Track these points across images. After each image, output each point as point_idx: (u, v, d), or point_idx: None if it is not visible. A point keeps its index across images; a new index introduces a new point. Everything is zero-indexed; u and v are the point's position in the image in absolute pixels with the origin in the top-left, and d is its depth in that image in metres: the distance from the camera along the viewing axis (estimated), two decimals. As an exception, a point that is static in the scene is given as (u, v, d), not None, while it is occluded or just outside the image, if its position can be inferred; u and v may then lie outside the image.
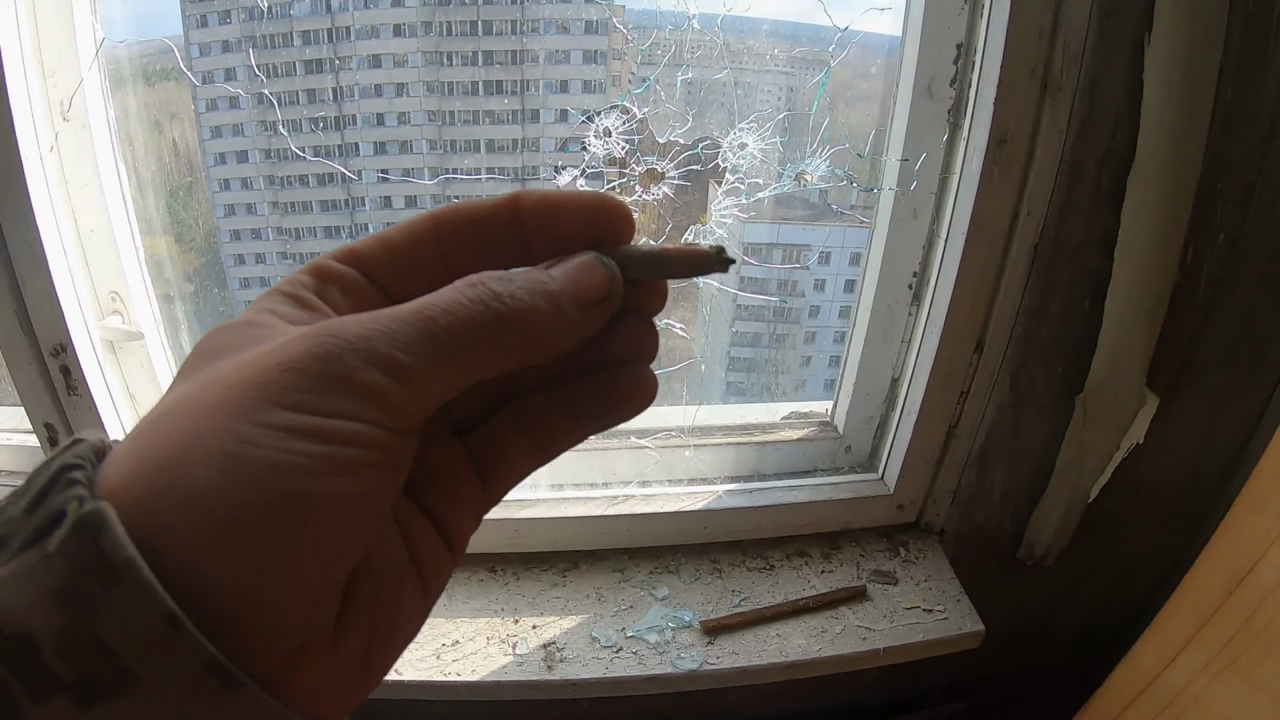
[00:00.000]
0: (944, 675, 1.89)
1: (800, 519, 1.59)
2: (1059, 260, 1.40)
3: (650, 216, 1.40)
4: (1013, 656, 1.82)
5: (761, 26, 1.34)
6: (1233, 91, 1.35)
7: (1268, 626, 1.19)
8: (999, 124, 1.28)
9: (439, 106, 1.44)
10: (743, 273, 1.67)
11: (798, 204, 1.53)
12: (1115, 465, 1.59)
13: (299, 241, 1.50)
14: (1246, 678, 1.22)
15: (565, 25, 1.37)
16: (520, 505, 1.48)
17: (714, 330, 1.70)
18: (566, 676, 1.34)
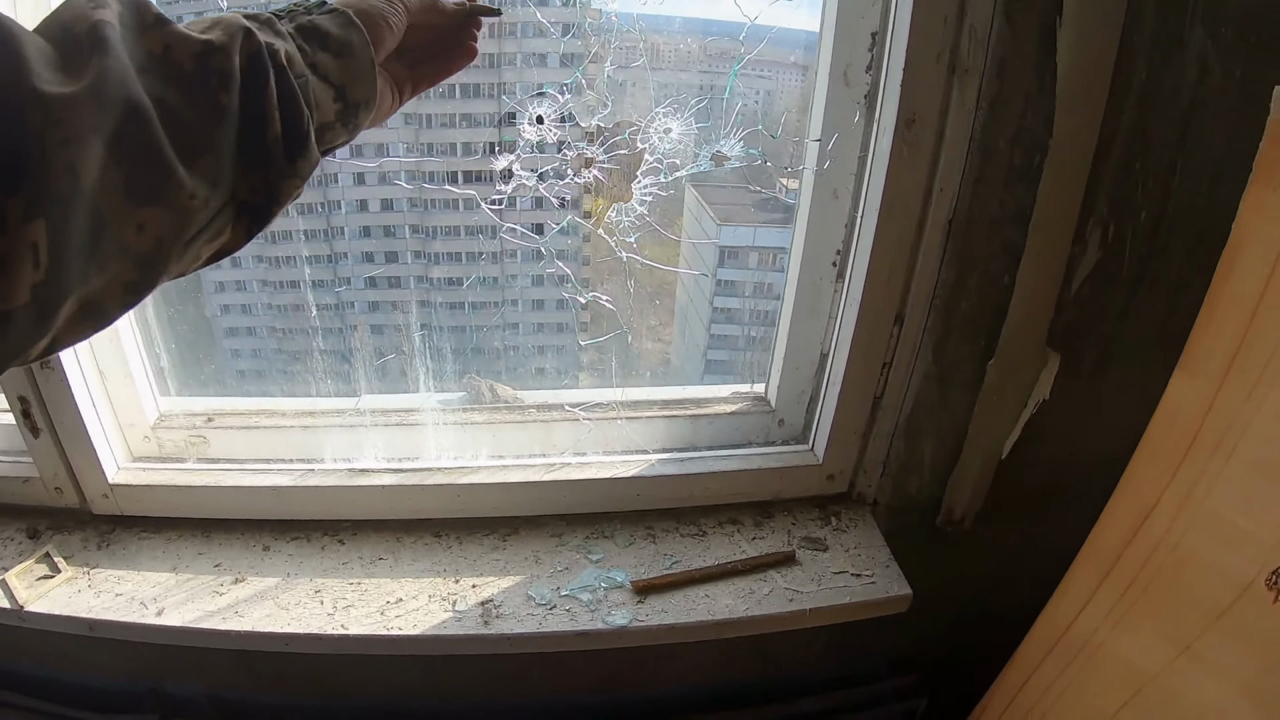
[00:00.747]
0: (891, 650, 1.93)
1: (732, 487, 1.65)
2: (975, 236, 1.45)
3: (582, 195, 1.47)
4: (960, 632, 1.85)
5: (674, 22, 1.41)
6: (1148, 72, 1.39)
7: (1160, 570, 1.24)
8: (907, 105, 1.35)
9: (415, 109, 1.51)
10: (719, 275, 1.74)
11: (773, 207, 1.59)
12: (1024, 422, 1.65)
13: (273, 245, 1.56)
14: (1145, 620, 1.27)
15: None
16: (462, 472, 1.55)
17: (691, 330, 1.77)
18: (502, 631, 1.41)
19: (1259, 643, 1.09)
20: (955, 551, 1.81)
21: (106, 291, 0.60)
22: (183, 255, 0.66)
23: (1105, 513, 1.35)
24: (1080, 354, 1.61)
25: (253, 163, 0.69)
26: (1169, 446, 1.23)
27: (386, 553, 1.52)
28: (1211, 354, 1.18)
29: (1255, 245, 1.12)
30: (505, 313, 1.60)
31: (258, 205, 0.72)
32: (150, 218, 0.60)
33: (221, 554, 1.49)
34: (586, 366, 1.67)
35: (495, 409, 1.60)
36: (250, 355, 1.65)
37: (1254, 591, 1.09)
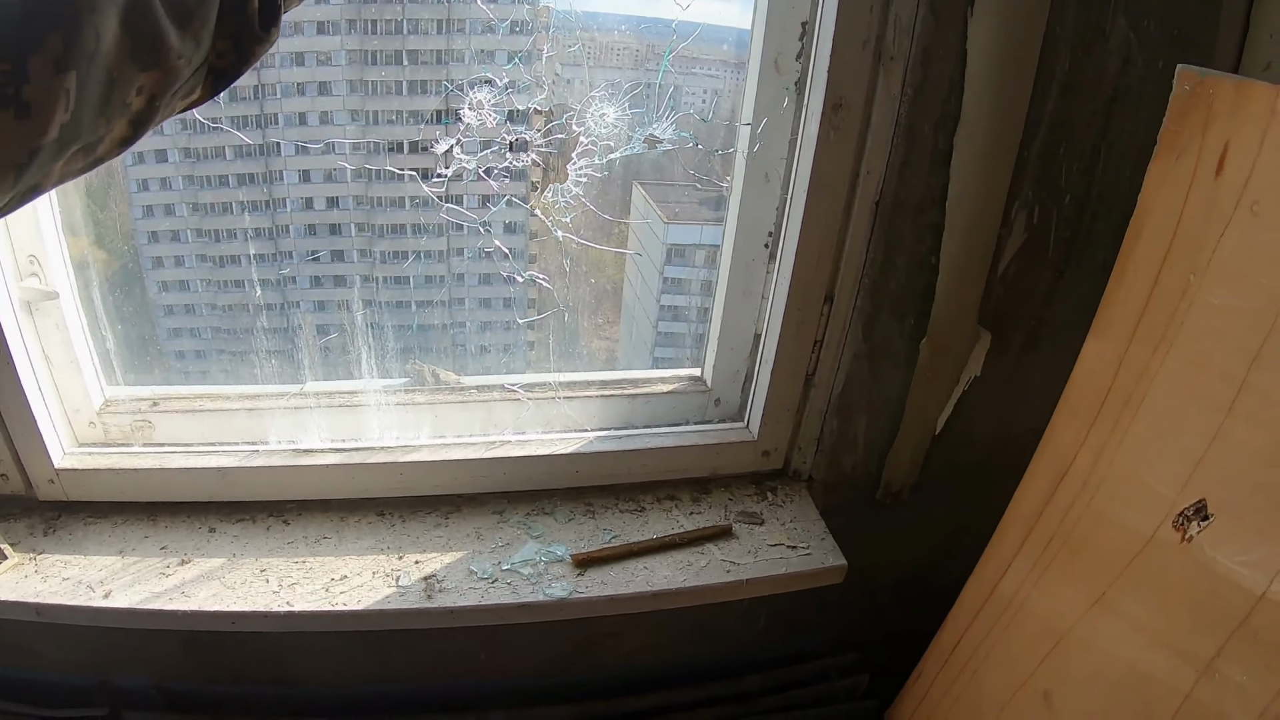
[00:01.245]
0: (834, 628, 1.96)
1: (669, 464, 1.68)
2: (901, 217, 1.50)
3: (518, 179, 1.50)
4: (900, 608, 1.88)
5: (612, 18, 1.45)
6: (1070, 63, 1.44)
7: (1076, 525, 1.29)
8: (834, 90, 1.39)
9: (361, 107, 1.52)
10: (666, 273, 1.77)
11: (719, 205, 1.63)
12: (956, 398, 1.69)
13: (217, 245, 1.57)
14: (1062, 574, 1.32)
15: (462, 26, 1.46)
16: (405, 450, 1.57)
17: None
18: (444, 604, 1.43)
19: (1166, 586, 1.14)
20: (893, 528, 1.85)
21: (106, 144, 0.71)
22: (165, 110, 0.76)
23: (1027, 474, 1.39)
24: (1009, 333, 1.66)
25: (230, 31, 0.78)
26: (1084, 406, 1.28)
27: (331, 532, 1.54)
28: (1120, 316, 1.23)
29: (1159, 213, 1.17)
30: (450, 289, 1.62)
31: (227, 67, 0.81)
32: (147, 80, 0.70)
33: (168, 537, 1.50)
34: (530, 348, 1.69)
35: (437, 390, 1.62)
36: (190, 335, 1.65)
37: (1160, 537, 1.14)
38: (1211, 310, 1.10)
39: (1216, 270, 1.09)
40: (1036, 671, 1.33)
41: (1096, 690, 1.23)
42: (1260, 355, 1.03)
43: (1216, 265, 1.09)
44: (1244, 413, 1.06)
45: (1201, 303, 1.11)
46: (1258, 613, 1.01)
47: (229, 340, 1.61)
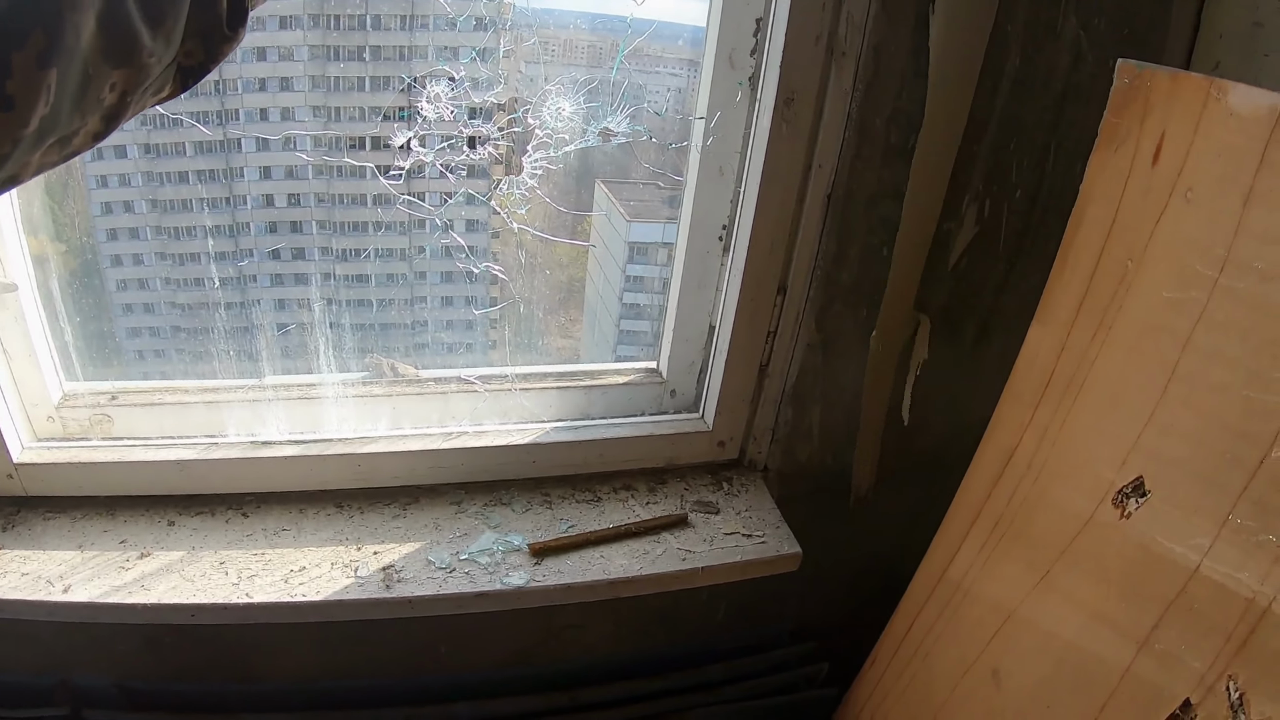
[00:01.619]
0: (793, 618, 1.98)
1: (625, 454, 1.70)
2: (854, 210, 1.52)
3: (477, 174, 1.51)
4: (859, 597, 1.90)
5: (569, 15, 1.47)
6: (1021, 60, 1.47)
7: (1021, 506, 1.32)
8: (786, 85, 1.41)
9: (323, 103, 1.52)
10: (628, 271, 1.78)
11: (681, 204, 1.64)
12: (911, 385, 1.72)
13: (177, 242, 1.56)
14: (1007, 556, 1.34)
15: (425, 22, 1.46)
16: (363, 442, 1.58)
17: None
18: (403, 594, 1.44)
19: (1106, 563, 1.16)
20: (850, 517, 1.87)
21: (80, 138, 0.73)
22: (136, 105, 0.77)
23: (974, 460, 1.42)
24: (962, 324, 1.68)
25: (199, 30, 0.79)
26: (1027, 392, 1.31)
27: (290, 524, 1.54)
28: (1062, 303, 1.25)
29: (1099, 202, 1.20)
30: (412, 286, 1.63)
31: (195, 65, 0.82)
32: (120, 77, 0.72)
33: (127, 530, 1.50)
34: (492, 346, 1.70)
35: (395, 382, 1.63)
36: (150, 333, 1.64)
37: (1100, 516, 1.16)
38: (1147, 295, 1.13)
39: (1152, 256, 1.12)
40: (985, 651, 1.35)
41: (1042, 666, 1.25)
42: (1191, 339, 1.06)
43: (1152, 251, 1.12)
44: (1177, 394, 1.08)
45: (1138, 288, 1.14)
46: (1192, 585, 1.04)
47: (188, 339, 1.60)
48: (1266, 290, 0.97)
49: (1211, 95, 1.04)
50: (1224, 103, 1.03)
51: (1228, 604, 0.99)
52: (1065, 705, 1.20)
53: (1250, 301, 0.99)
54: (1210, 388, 1.04)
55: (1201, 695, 1.01)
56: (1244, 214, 1.00)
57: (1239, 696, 0.97)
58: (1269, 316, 0.97)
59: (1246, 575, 0.97)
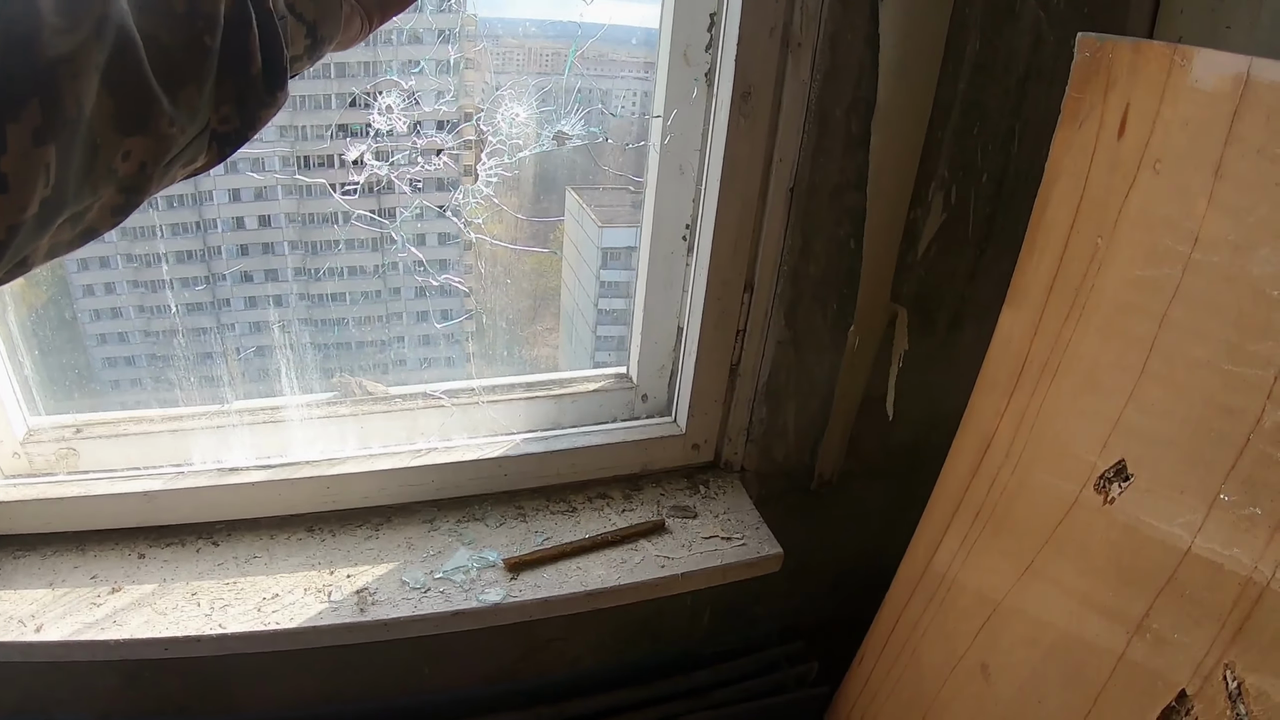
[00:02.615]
0: (780, 618, 1.94)
1: (598, 462, 1.65)
2: (818, 202, 1.47)
3: (433, 186, 1.46)
4: (844, 594, 1.86)
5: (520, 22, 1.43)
6: (981, 43, 1.42)
7: (1002, 495, 1.27)
8: (742, 79, 1.37)
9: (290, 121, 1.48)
10: (602, 277, 1.73)
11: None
12: (895, 377, 1.69)
13: (147, 269, 1.52)
14: (991, 546, 1.30)
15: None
16: (331, 463, 1.52)
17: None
18: (378, 617, 1.38)
19: (1092, 549, 1.11)
20: (831, 514, 1.83)
21: (96, 213, 0.66)
22: (162, 178, 0.71)
23: (952, 450, 1.38)
24: (934, 313, 1.64)
25: (233, 95, 0.73)
26: (1002, 377, 1.26)
27: (261, 551, 1.48)
28: (1033, 285, 1.21)
29: (1065, 179, 1.16)
30: (382, 301, 1.59)
31: (231, 132, 0.76)
32: (135, 145, 0.65)
33: (98, 565, 1.44)
34: (467, 355, 1.65)
35: (361, 401, 1.57)
36: (126, 363, 1.60)
37: (1084, 500, 1.12)
38: (1119, 273, 1.08)
39: (1123, 232, 1.07)
40: (972, 645, 1.30)
41: (1031, 658, 1.21)
42: (1167, 316, 1.01)
43: (1122, 227, 1.07)
44: (1155, 373, 1.03)
45: (1109, 266, 1.09)
46: (1184, 568, 0.99)
47: (164, 366, 1.55)
48: (1241, 262, 0.93)
49: (1175, 63, 1.00)
50: (1188, 70, 0.98)
51: (1222, 585, 0.94)
52: (1057, 699, 1.15)
53: (1224, 275, 0.95)
54: (1189, 364, 0.99)
55: (1198, 685, 0.96)
56: (1215, 185, 0.95)
57: (1236, 685, 0.92)
58: (1244, 289, 0.93)
59: (1240, 553, 0.93)
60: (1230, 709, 0.92)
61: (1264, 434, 0.90)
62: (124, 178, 0.66)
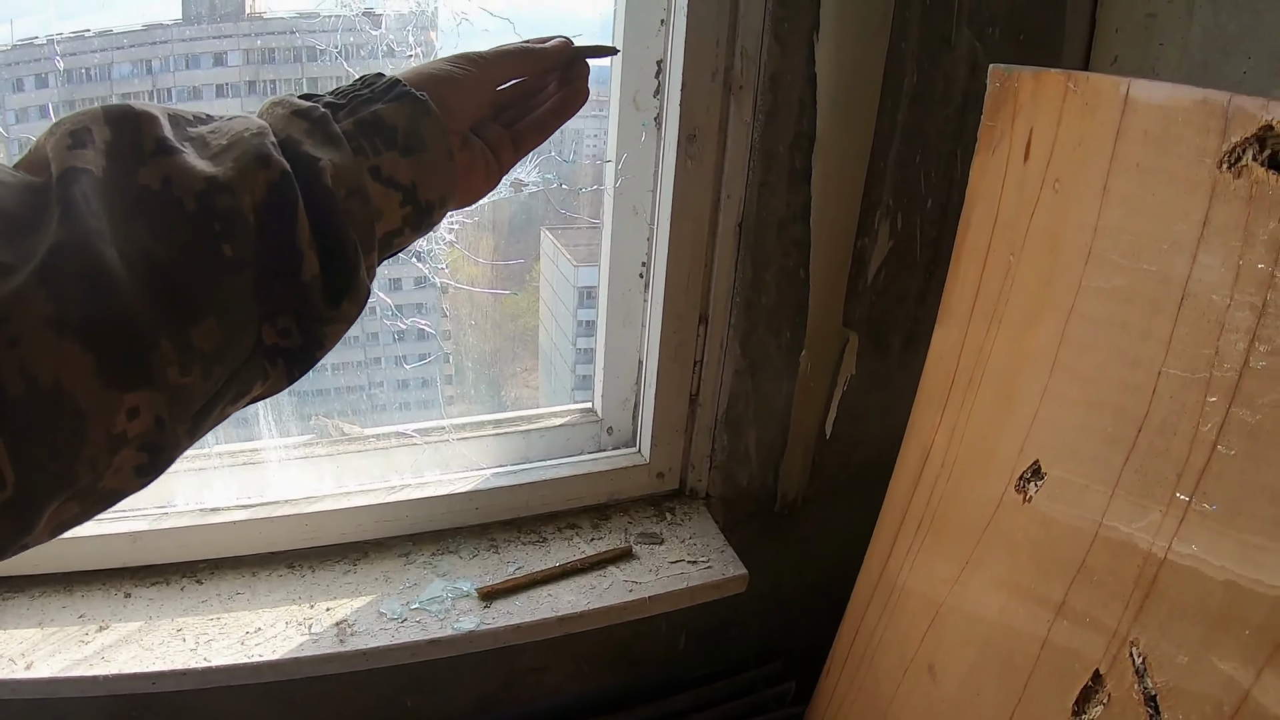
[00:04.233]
0: (756, 641, 1.97)
1: (566, 493, 1.70)
2: (765, 235, 1.53)
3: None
4: (817, 613, 1.89)
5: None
6: (918, 75, 1.49)
7: (940, 502, 1.32)
8: (687, 121, 1.44)
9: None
10: (579, 316, 1.78)
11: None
12: (838, 400, 1.74)
13: None
14: (932, 551, 1.35)
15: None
16: (309, 501, 1.57)
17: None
18: (357, 647, 1.43)
19: (1015, 544, 1.17)
20: (798, 535, 1.87)
21: (112, 479, 0.50)
22: (200, 425, 0.56)
23: (897, 465, 1.43)
24: (887, 337, 1.69)
25: (282, 309, 0.58)
26: (936, 390, 1.32)
27: (244, 587, 1.53)
28: (959, 303, 1.27)
29: (982, 203, 1.22)
30: (360, 346, 1.64)
31: (295, 349, 0.60)
32: (143, 401, 0.49)
33: (85, 605, 1.49)
34: (448, 398, 1.70)
35: (337, 441, 1.63)
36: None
37: (1007, 500, 1.17)
38: (1026, 287, 1.14)
39: (1029, 249, 1.13)
40: (920, 647, 1.35)
41: (968, 653, 1.25)
42: (1067, 327, 1.07)
43: (1029, 244, 1.13)
44: (1059, 381, 1.09)
45: (1019, 282, 1.15)
46: (1092, 554, 1.04)
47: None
48: (1126, 273, 0.99)
49: (1069, 88, 1.06)
50: (1079, 94, 1.05)
51: (1124, 567, 0.99)
52: (992, 691, 1.20)
53: (1113, 286, 1.01)
54: (1087, 370, 1.05)
55: (1109, 665, 1.01)
56: (1103, 201, 1.01)
57: (1141, 660, 0.97)
58: (1130, 299, 0.98)
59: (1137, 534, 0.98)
60: (1138, 683, 0.97)
61: (1152, 429, 0.96)
62: (139, 435, 0.49)
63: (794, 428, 1.73)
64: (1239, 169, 0.85)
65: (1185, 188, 0.91)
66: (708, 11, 1.38)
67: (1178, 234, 0.92)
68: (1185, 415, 0.91)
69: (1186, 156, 0.91)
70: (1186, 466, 0.91)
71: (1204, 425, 0.89)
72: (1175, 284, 0.92)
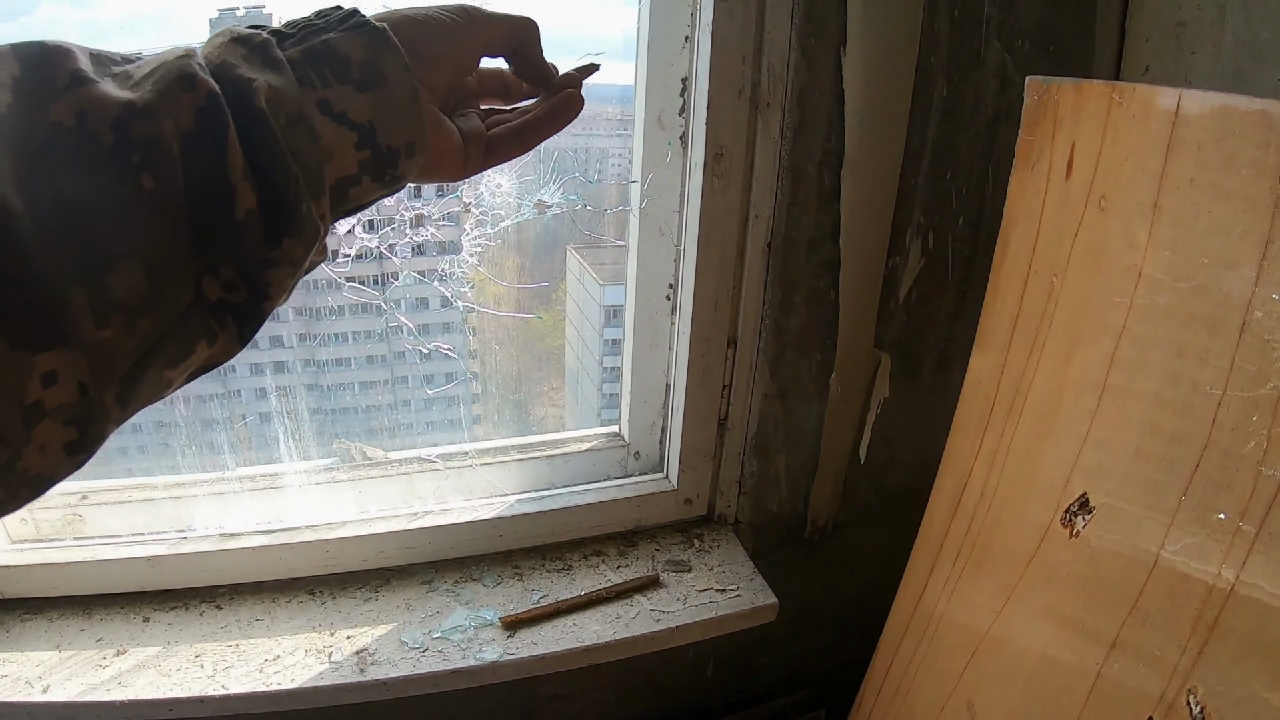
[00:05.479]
0: (784, 668, 1.91)
1: (591, 520, 1.65)
2: (794, 256, 1.48)
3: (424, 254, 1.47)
4: (846, 639, 1.84)
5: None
6: (948, 89, 1.44)
7: (980, 532, 1.26)
8: (714, 141, 1.38)
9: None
10: (605, 335, 1.74)
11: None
12: (872, 423, 1.68)
13: None
14: (972, 582, 1.28)
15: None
16: (330, 527, 1.53)
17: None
18: (377, 677, 1.38)
19: (1063, 576, 1.10)
20: (829, 561, 1.81)
21: (38, 461, 0.44)
22: (133, 391, 0.48)
23: (933, 493, 1.37)
24: (919, 357, 1.64)
25: (224, 257, 0.50)
26: (974, 417, 1.26)
27: (263, 614, 1.49)
28: (997, 327, 1.21)
29: (1022, 222, 1.16)
30: (388, 366, 1.60)
31: (243, 305, 0.53)
32: (59, 362, 0.43)
33: (103, 629, 1.45)
34: (474, 418, 1.66)
35: (358, 466, 1.58)
36: (129, 432, 1.61)
37: (1052, 534, 1.10)
38: (1072, 310, 1.08)
39: (1074, 270, 1.08)
40: (959, 682, 1.29)
41: (1012, 691, 1.19)
42: (1117, 350, 1.01)
43: (1073, 265, 1.08)
44: (1110, 407, 1.03)
45: (1064, 304, 1.10)
46: (1147, 592, 0.98)
47: (166, 434, 1.56)
48: (1178, 294, 0.93)
49: (1114, 100, 1.00)
50: (1125, 106, 0.99)
51: (1184, 606, 0.93)
52: (1038, 733, 1.13)
53: (1165, 307, 0.95)
54: (1138, 396, 0.99)
55: (1164, 713, 0.94)
56: (1154, 219, 0.95)
57: (1200, 710, 0.90)
58: (1182, 319, 0.93)
59: (1199, 569, 0.92)
60: (1194, 734, 0.90)
61: (1212, 457, 0.89)
62: (61, 408, 0.43)
63: (825, 452, 1.67)
64: (1302, 184, 0.79)
65: (1244, 205, 0.85)
66: (733, 28, 1.33)
67: (1236, 253, 0.86)
68: (1250, 443, 0.85)
69: (1244, 172, 0.85)
70: (1254, 498, 0.85)
71: (1272, 454, 0.83)
72: (1235, 305, 0.86)
